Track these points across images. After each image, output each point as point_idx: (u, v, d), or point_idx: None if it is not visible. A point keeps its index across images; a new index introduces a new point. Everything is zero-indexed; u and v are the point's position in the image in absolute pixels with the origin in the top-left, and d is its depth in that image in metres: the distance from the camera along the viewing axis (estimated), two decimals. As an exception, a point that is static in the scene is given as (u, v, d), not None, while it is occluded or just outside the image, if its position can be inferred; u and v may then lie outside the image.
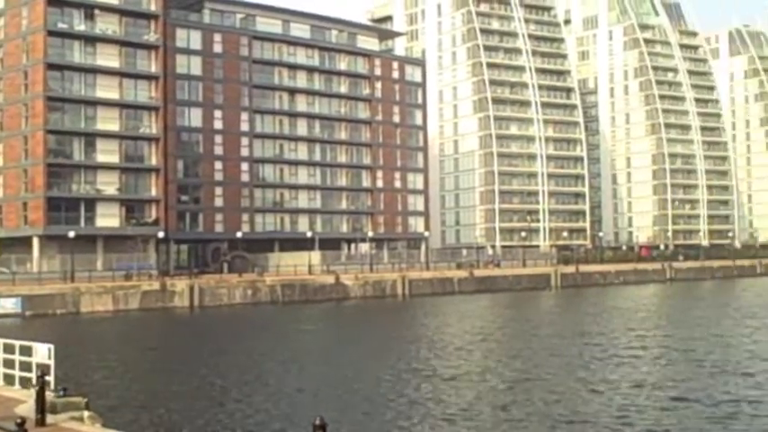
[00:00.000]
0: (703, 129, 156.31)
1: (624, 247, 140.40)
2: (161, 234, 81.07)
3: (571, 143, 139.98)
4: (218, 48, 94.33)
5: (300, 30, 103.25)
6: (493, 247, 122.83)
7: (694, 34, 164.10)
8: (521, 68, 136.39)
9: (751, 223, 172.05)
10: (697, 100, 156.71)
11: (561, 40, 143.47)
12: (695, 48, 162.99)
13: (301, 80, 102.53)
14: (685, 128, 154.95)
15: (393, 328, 52.96)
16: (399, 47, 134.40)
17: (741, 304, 68.61)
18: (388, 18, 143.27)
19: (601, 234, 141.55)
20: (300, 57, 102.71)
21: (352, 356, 37.41)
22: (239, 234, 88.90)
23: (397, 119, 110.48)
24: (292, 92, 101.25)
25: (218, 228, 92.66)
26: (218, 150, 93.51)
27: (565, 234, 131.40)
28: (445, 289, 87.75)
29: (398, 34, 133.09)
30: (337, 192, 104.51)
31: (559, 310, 71.31)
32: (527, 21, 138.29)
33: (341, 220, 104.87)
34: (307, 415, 21.72)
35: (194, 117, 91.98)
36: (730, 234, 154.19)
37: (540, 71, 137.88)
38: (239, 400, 26.31)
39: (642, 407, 24.40)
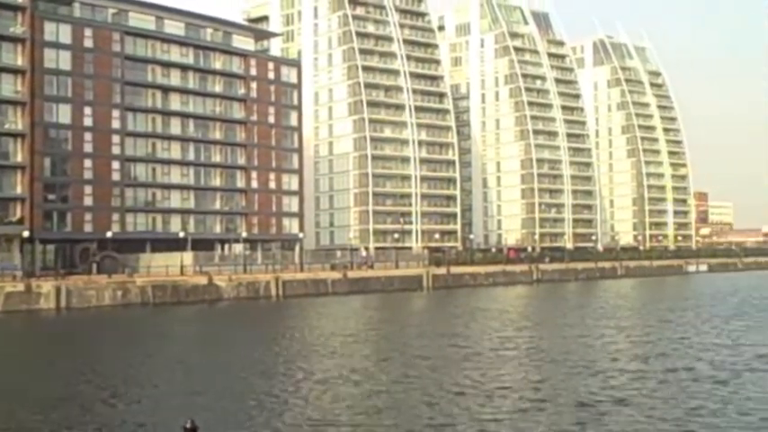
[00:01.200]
0: (569, 135, 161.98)
1: (494, 249, 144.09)
2: (26, 233, 78.61)
3: (443, 147, 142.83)
4: (88, 42, 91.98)
5: (174, 27, 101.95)
6: (366, 248, 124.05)
7: (561, 44, 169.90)
8: (395, 72, 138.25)
9: (612, 227, 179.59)
10: (563, 107, 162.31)
11: (435, 46, 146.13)
12: (562, 57, 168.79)
13: (175, 78, 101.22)
14: (552, 134, 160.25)
15: (265, 330, 53.07)
16: (275, 47, 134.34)
17: (601, 305, 71.67)
18: (264, 18, 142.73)
19: (471, 236, 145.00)
20: (174, 54, 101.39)
21: (224, 359, 37.29)
22: (109, 234, 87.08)
23: (272, 119, 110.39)
24: (166, 90, 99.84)
25: (88, 227, 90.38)
26: (88, 148, 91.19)
27: (437, 236, 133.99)
28: (319, 290, 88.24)
29: (274, 35, 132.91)
30: (211, 192, 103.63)
31: (430, 311, 72.76)
32: (402, 26, 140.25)
33: (214, 220, 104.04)
34: (177, 419, 21.76)
35: (63, 113, 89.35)
36: (593, 237, 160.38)
37: (415, 76, 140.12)
38: (111, 405, 26.08)
39: (503, 409, 24.74)
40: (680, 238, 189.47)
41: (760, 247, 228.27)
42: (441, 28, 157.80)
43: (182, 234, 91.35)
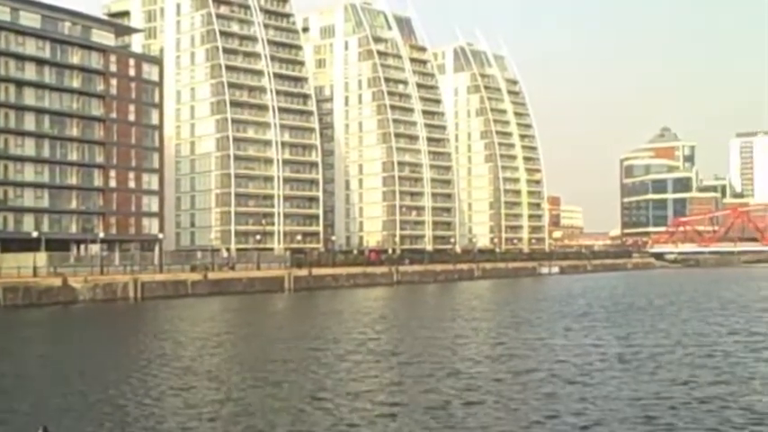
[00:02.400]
0: (430, 139, 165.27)
1: (355, 251, 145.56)
2: None
3: (307, 149, 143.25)
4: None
5: (30, 19, 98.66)
6: (228, 249, 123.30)
7: (423, 49, 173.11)
8: (259, 73, 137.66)
9: (470, 229, 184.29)
10: (425, 112, 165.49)
11: (299, 48, 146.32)
12: (424, 62, 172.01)
13: (30, 72, 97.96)
14: (413, 138, 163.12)
15: (121, 334, 52.32)
16: (136, 44, 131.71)
17: (459, 306, 73.83)
18: (125, 13, 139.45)
19: (333, 238, 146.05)
20: (30, 47, 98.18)
21: (77, 363, 36.64)
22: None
23: (132, 117, 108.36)
24: (20, 84, 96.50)
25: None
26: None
27: (299, 237, 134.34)
28: (179, 292, 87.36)
29: (136, 31, 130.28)
30: (67, 191, 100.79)
31: (291, 313, 73.27)
32: (266, 26, 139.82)
33: (70, 220, 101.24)
34: (28, 425, 21.60)
35: None
36: (452, 240, 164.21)
37: (279, 76, 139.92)
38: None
39: (361, 414, 24.85)
40: (534, 240, 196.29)
41: (607, 250, 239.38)
42: (305, 30, 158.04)
43: (35, 234, 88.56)
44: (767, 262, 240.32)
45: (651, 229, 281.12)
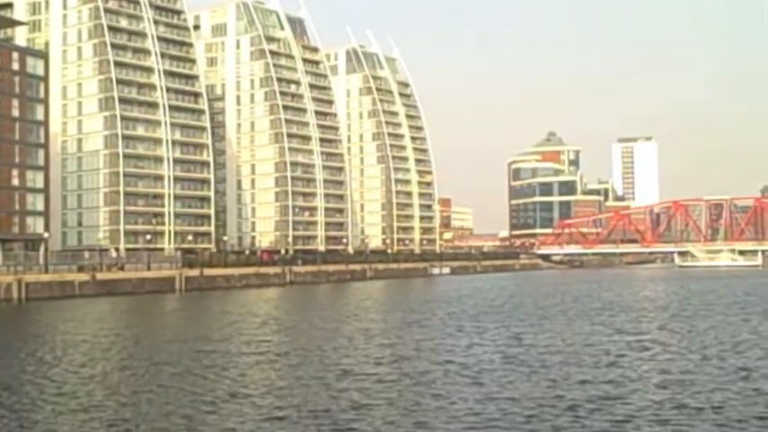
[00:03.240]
0: (322, 140, 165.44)
1: (247, 252, 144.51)
2: None
3: (198, 148, 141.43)
4: None
5: None
6: (117, 249, 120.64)
7: (316, 50, 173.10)
8: (149, 70, 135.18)
9: (363, 230, 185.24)
10: (317, 113, 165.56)
11: (190, 45, 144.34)
12: (317, 63, 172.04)
13: None
14: (306, 138, 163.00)
15: (2, 337, 50.67)
16: (20, 37, 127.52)
17: (351, 307, 74.16)
18: (8, 5, 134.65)
19: (225, 238, 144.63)
20: None
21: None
22: None
23: (16, 113, 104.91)
24: None
25: None
26: None
27: (190, 237, 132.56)
28: (65, 292, 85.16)
29: (19, 23, 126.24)
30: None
31: (181, 314, 72.25)
32: (157, 22, 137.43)
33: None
34: None
35: None
36: (344, 240, 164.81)
37: (169, 74, 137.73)
38: None
39: (249, 418, 24.53)
40: (425, 241, 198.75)
41: (496, 251, 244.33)
42: (196, 27, 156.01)
43: None
44: (647, 263, 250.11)
45: (538, 230, 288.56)
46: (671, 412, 24.44)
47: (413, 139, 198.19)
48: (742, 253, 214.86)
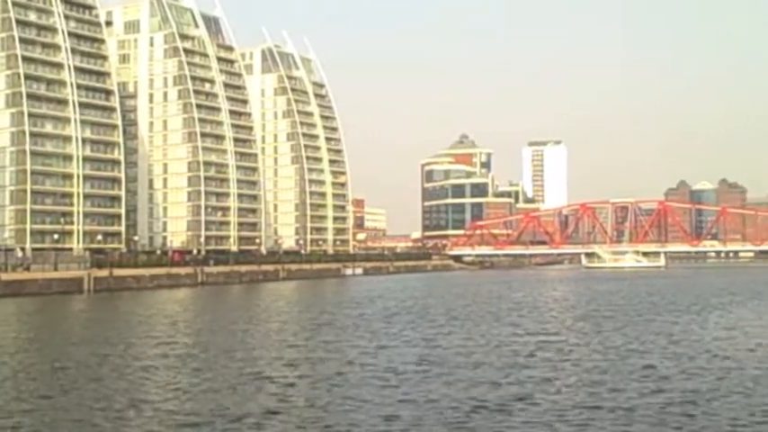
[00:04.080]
0: (236, 140, 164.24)
1: (159, 252, 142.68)
2: None
3: (109, 146, 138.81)
4: None
5: None
6: (23, 249, 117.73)
7: (231, 49, 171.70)
8: (59, 65, 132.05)
9: (276, 231, 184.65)
10: (232, 112, 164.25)
11: (102, 41, 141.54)
12: (231, 62, 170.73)
13: None
14: (220, 138, 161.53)
15: None
16: None
17: (263, 308, 74.20)
18: None
19: (136, 238, 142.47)
20: None
21: None
22: None
23: None
24: None
25: None
26: None
27: (100, 237, 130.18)
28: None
29: None
30: None
31: (88, 316, 71.15)
32: (67, 17, 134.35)
33: None
34: None
35: None
36: (258, 241, 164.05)
37: (80, 70, 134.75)
38: None
39: (155, 424, 24.31)
40: (338, 242, 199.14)
41: (409, 251, 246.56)
42: (108, 23, 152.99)
43: None
44: (556, 264, 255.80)
45: (450, 232, 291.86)
46: (578, 411, 25.06)
47: (327, 139, 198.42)
48: (646, 254, 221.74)
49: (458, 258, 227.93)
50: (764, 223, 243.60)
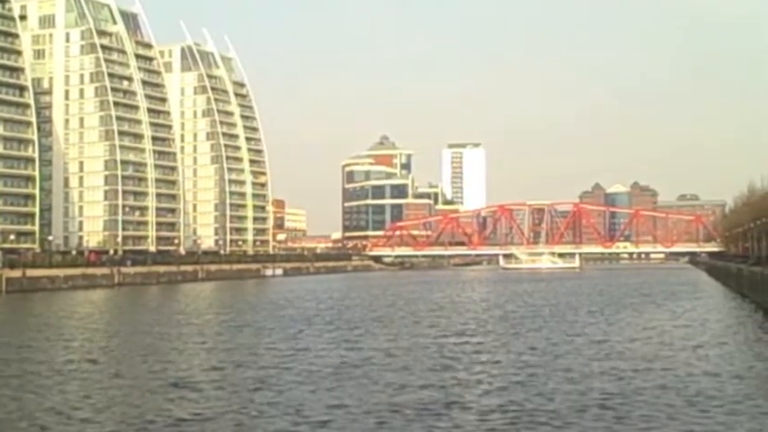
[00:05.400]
0: (155, 139, 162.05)
1: (74, 252, 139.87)
2: None
3: (23, 143, 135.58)
4: None
5: None
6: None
7: (150, 46, 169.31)
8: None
9: (195, 231, 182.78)
10: (150, 110, 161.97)
11: (16, 36, 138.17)
12: (150, 59, 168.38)
13: None
14: (138, 136, 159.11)
15: None
16: None
17: (180, 309, 73.42)
18: None
19: (50, 238, 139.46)
20: None
21: None
22: None
23: None
24: None
25: None
26: None
27: (12, 237, 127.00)
28: None
29: None
30: None
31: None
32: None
33: None
34: None
35: None
36: (176, 241, 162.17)
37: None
38: None
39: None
40: (258, 242, 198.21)
41: (329, 252, 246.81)
42: (23, 18, 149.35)
43: None
44: (474, 264, 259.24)
45: (370, 232, 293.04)
46: (499, 414, 25.31)
47: (248, 139, 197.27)
48: (561, 256, 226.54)
49: (378, 259, 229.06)
50: (674, 226, 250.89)
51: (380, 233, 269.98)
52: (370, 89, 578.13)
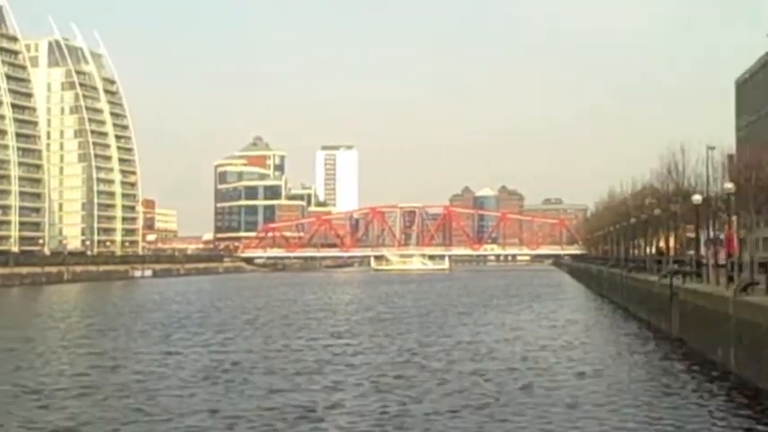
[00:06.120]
0: (19, 135, 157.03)
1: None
2: None
3: None
4: None
5: None
6: None
7: (15, 39, 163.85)
8: None
9: (61, 231, 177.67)
10: (14, 106, 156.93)
11: None
12: (15, 53, 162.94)
13: None
14: (1, 132, 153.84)
15: None
16: None
17: (39, 313, 71.08)
18: None
19: None
20: None
21: None
22: None
23: None
24: None
25: None
26: None
27: None
28: None
29: None
30: None
31: None
32: None
33: None
34: None
35: None
36: (41, 241, 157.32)
37: None
38: None
39: None
40: (127, 243, 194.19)
41: (200, 253, 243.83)
42: None
43: None
44: (346, 266, 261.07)
45: (243, 234, 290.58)
46: (371, 416, 25.50)
47: (117, 137, 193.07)
48: (431, 257, 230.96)
49: (250, 260, 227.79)
50: (539, 229, 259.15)
51: (253, 234, 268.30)
52: (243, 89, 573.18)
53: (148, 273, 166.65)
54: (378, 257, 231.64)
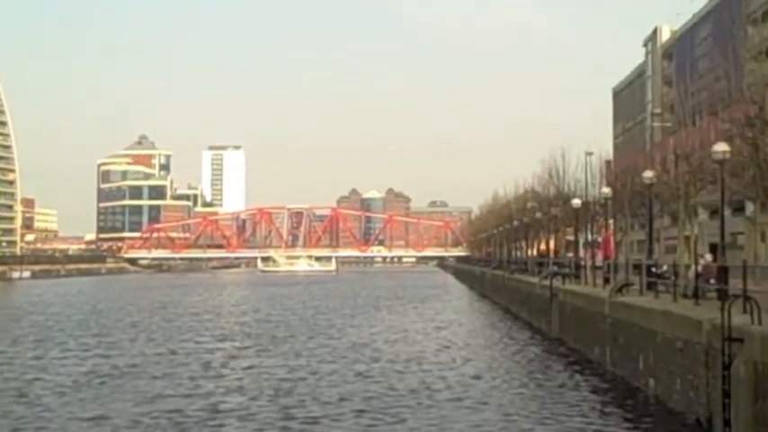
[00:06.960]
0: None
1: None
2: None
3: None
4: None
5: None
6: None
7: None
8: None
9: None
10: None
11: None
12: None
13: None
14: None
15: None
16: None
17: None
18: None
19: None
20: None
21: None
22: None
23: None
24: None
25: None
26: None
27: None
28: None
29: None
30: None
31: None
32: None
33: None
34: None
35: None
36: None
37: None
38: None
39: None
40: (4, 243, 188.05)
41: (82, 254, 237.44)
42: None
43: None
44: (233, 267, 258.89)
45: (127, 234, 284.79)
46: (262, 419, 25.38)
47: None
48: (318, 259, 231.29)
49: (134, 261, 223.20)
50: (425, 231, 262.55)
51: (137, 235, 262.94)
52: (128, 86, 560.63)
53: (27, 274, 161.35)
54: (265, 259, 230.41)
